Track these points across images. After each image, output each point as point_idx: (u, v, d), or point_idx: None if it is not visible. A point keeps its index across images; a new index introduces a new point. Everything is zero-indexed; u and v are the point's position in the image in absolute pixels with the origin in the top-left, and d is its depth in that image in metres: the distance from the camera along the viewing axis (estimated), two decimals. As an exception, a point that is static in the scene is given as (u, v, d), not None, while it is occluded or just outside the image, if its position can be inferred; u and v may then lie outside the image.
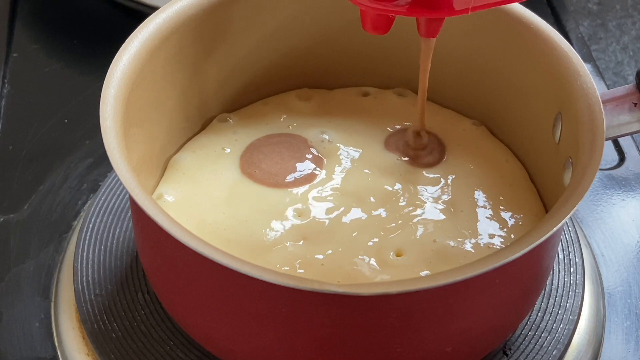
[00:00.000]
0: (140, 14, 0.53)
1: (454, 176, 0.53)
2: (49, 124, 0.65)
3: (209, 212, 0.50)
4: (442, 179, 0.53)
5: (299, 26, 0.56)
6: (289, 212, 0.50)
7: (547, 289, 0.53)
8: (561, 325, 0.51)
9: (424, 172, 0.53)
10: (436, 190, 0.52)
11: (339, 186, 0.52)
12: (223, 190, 0.52)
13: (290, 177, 0.52)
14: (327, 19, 0.56)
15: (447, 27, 0.55)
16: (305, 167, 0.53)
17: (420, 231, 0.50)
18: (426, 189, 0.52)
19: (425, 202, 0.51)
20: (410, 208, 0.51)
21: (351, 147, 0.55)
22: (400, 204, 0.51)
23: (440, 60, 0.57)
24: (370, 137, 0.55)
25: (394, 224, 0.50)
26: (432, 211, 0.51)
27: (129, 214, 0.56)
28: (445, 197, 0.52)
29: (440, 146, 0.55)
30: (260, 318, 0.43)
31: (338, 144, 0.55)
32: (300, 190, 0.52)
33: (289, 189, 0.52)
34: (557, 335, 0.51)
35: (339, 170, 0.53)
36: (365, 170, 0.53)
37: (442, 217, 0.51)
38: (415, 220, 0.50)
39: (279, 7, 0.55)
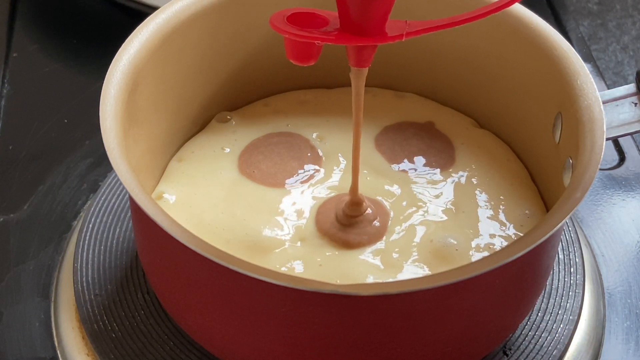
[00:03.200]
0: (140, 14, 0.53)
1: (455, 175, 0.53)
2: (49, 124, 0.65)
3: (208, 212, 0.50)
4: (444, 179, 0.53)
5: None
6: (288, 212, 0.50)
7: (547, 289, 0.53)
8: (561, 325, 0.51)
9: (426, 172, 0.53)
10: (437, 190, 0.52)
11: (338, 186, 0.52)
12: (222, 190, 0.52)
13: (289, 178, 0.52)
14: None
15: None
16: (304, 167, 0.53)
17: (420, 231, 0.50)
18: (427, 189, 0.52)
19: (427, 203, 0.51)
20: (413, 209, 0.51)
21: (351, 147, 0.54)
22: (401, 204, 0.51)
23: (441, 60, 0.57)
24: (370, 137, 0.55)
25: (394, 224, 0.50)
26: (433, 211, 0.51)
27: (129, 214, 0.56)
28: (446, 197, 0.52)
29: (449, 151, 0.55)
30: (260, 318, 0.43)
31: (337, 144, 0.55)
32: (299, 190, 0.52)
33: (288, 189, 0.52)
34: (557, 335, 0.51)
35: (338, 170, 0.53)
36: (364, 171, 0.53)
37: (444, 217, 0.51)
38: (415, 220, 0.50)
39: (279, 7, 0.55)
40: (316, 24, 0.43)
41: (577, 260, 0.54)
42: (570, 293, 0.53)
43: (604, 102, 0.47)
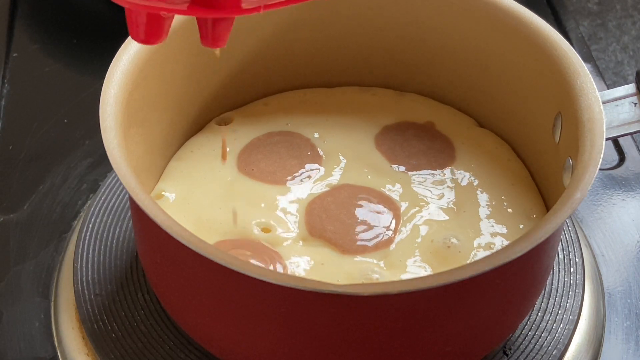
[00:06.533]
0: (140, 14, 0.53)
1: (456, 175, 0.53)
2: (49, 124, 0.65)
3: (207, 210, 0.50)
4: (445, 178, 0.53)
5: (299, 26, 0.56)
6: (287, 211, 0.50)
7: (547, 289, 0.53)
8: (561, 325, 0.51)
9: (426, 172, 0.53)
10: (438, 190, 0.52)
11: (338, 184, 0.52)
12: (221, 188, 0.52)
13: (288, 176, 0.52)
14: (328, 18, 0.56)
15: (447, 28, 0.55)
16: (304, 166, 0.53)
17: (422, 231, 0.50)
18: (428, 189, 0.52)
19: (428, 203, 0.51)
20: (415, 209, 0.51)
21: (351, 146, 0.55)
22: (402, 203, 0.51)
23: (441, 60, 0.57)
24: (370, 137, 0.55)
25: (395, 224, 0.50)
26: (435, 211, 0.51)
27: (129, 214, 0.56)
28: (447, 197, 0.52)
29: (449, 151, 0.55)
30: (260, 318, 0.43)
31: (337, 143, 0.55)
32: (299, 188, 0.52)
33: (288, 186, 0.52)
34: (557, 335, 0.51)
35: (338, 169, 0.53)
36: (364, 169, 0.53)
37: (445, 217, 0.51)
38: (417, 220, 0.50)
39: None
40: None
41: (577, 260, 0.54)
42: (570, 293, 0.53)
43: (604, 102, 0.47)
